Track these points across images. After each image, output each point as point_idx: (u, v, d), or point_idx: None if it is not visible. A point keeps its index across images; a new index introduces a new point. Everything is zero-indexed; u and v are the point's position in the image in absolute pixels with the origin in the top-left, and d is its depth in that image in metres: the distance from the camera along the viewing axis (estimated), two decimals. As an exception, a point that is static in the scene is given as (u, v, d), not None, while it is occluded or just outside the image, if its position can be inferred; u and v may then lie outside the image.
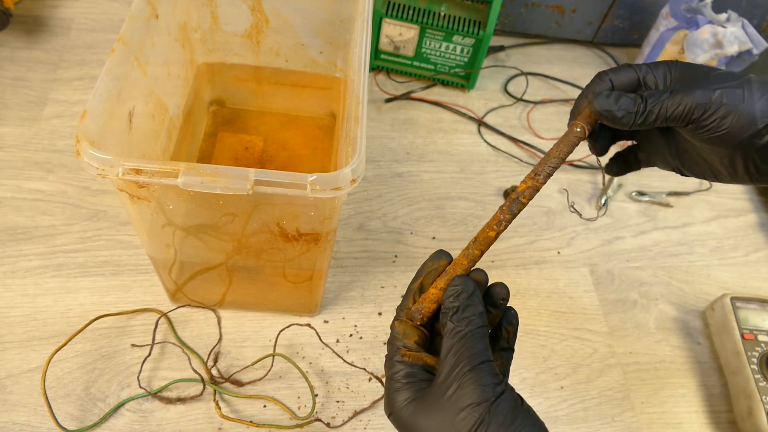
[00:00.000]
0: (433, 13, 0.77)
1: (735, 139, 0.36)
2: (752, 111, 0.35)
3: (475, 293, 0.36)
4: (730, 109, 0.36)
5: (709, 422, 0.61)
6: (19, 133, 0.69)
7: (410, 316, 0.37)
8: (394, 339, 0.36)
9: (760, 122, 0.35)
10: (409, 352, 0.35)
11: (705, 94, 0.36)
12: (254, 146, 0.69)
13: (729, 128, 0.36)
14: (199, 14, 0.62)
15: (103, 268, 0.61)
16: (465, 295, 0.35)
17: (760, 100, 0.36)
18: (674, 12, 0.81)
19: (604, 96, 0.38)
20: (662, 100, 0.37)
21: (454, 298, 0.35)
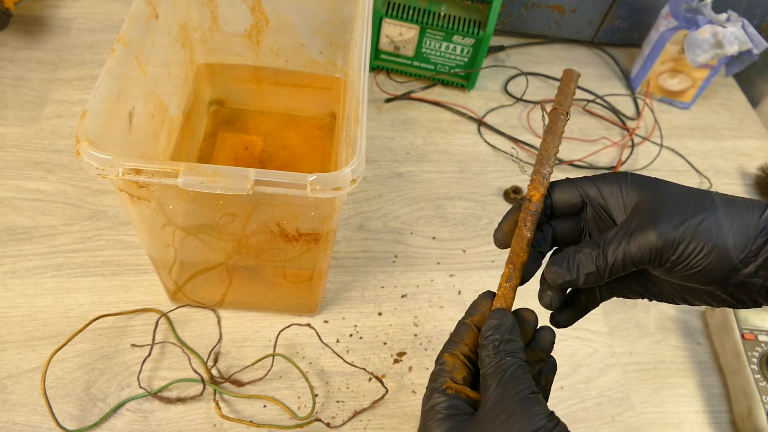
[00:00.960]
0: (433, 13, 0.77)
1: (709, 277, 0.33)
2: (725, 246, 0.32)
3: (515, 329, 0.34)
4: (700, 248, 0.32)
5: (709, 422, 0.61)
6: (19, 133, 0.69)
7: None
8: (441, 371, 0.35)
9: (735, 257, 0.32)
10: (454, 385, 0.34)
11: (669, 230, 0.32)
12: (254, 146, 0.69)
13: (703, 267, 0.32)
14: (199, 14, 0.62)
15: (103, 268, 0.61)
16: (504, 330, 0.34)
17: (730, 231, 0.32)
18: (674, 12, 0.81)
19: (555, 268, 0.35)
20: (623, 248, 0.33)
21: (493, 331, 0.34)
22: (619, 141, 0.84)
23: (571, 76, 0.40)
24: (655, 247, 0.33)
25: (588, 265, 0.34)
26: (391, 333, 0.61)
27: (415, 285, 0.65)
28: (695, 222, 0.33)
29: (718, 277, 0.33)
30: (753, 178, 0.84)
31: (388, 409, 0.56)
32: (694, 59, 0.81)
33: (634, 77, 0.91)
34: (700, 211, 0.33)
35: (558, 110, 0.39)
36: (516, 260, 0.37)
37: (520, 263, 0.37)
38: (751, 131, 0.90)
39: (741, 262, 0.32)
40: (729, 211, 0.33)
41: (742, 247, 0.32)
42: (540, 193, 0.36)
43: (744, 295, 0.34)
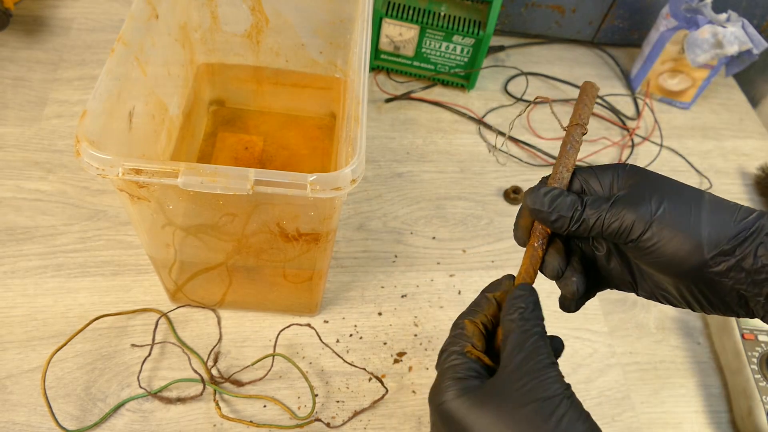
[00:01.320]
0: (433, 13, 0.77)
1: (679, 267, 0.33)
2: (698, 238, 0.32)
3: (538, 303, 0.35)
4: (673, 233, 0.32)
5: (709, 422, 0.61)
6: (19, 133, 0.69)
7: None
8: (461, 335, 0.35)
9: (707, 252, 0.32)
10: (473, 350, 0.34)
11: (647, 211, 0.33)
12: (254, 146, 0.69)
13: (671, 255, 0.32)
14: (199, 14, 0.62)
15: (103, 268, 0.61)
16: (531, 302, 0.34)
17: (708, 224, 0.32)
18: (674, 12, 0.81)
19: (541, 193, 0.35)
20: (601, 211, 0.34)
21: (521, 300, 0.34)
22: (619, 141, 0.84)
23: (592, 89, 0.40)
24: (629, 222, 0.33)
25: (564, 209, 0.34)
26: (391, 333, 0.61)
27: (415, 285, 0.65)
28: (674, 209, 0.33)
29: (687, 269, 0.33)
30: (753, 178, 0.84)
31: (388, 409, 0.56)
32: (694, 59, 0.81)
33: (634, 77, 0.91)
34: (685, 202, 0.33)
35: (578, 125, 0.38)
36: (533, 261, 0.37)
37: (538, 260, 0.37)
38: (751, 131, 0.90)
39: (712, 259, 0.32)
40: (713, 208, 0.33)
41: (715, 243, 0.32)
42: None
43: (715, 297, 0.34)
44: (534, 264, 0.37)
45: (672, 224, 0.32)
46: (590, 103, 0.39)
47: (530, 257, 0.37)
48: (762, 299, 0.32)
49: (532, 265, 0.37)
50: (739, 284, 0.33)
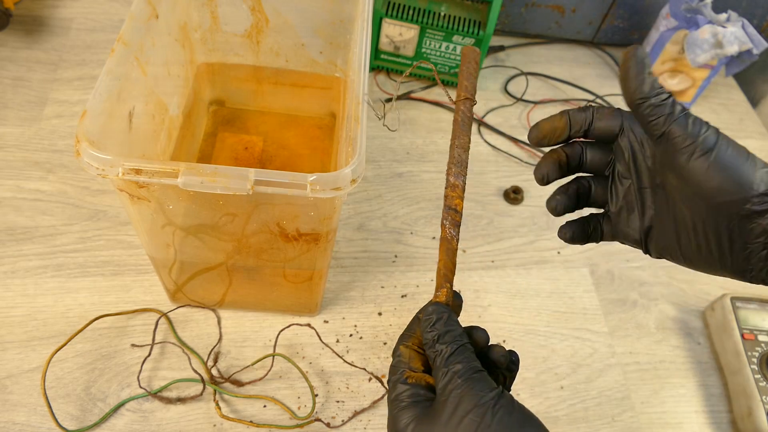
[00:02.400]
0: (433, 13, 0.77)
1: (723, 195, 0.34)
2: (751, 175, 0.34)
3: (450, 318, 0.36)
4: (731, 162, 0.34)
5: (709, 422, 0.61)
6: (19, 133, 0.69)
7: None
8: (399, 363, 0.36)
9: (755, 188, 0.33)
10: (413, 374, 0.35)
11: (713, 137, 0.34)
12: (254, 146, 0.69)
13: (721, 181, 0.34)
14: (199, 14, 0.62)
15: (103, 268, 0.61)
16: (440, 323, 0.35)
17: (762, 169, 0.34)
18: (674, 12, 0.81)
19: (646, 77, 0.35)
20: (673, 116, 0.34)
21: (431, 327, 0.35)
22: (619, 141, 0.84)
23: (472, 53, 0.40)
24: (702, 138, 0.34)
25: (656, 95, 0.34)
26: (391, 333, 0.61)
27: (415, 285, 0.65)
28: (735, 148, 0.34)
29: (729, 201, 0.34)
30: (753, 178, 0.84)
31: (388, 409, 0.56)
32: (694, 59, 0.81)
33: (634, 77, 0.91)
34: (745, 152, 0.35)
35: (466, 99, 0.38)
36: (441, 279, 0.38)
37: (446, 281, 0.38)
38: (751, 131, 0.90)
39: (757, 197, 0.33)
40: (763, 162, 0.35)
41: (766, 183, 0.33)
42: (459, 196, 0.37)
43: (739, 241, 0.35)
44: (448, 270, 0.38)
45: (732, 155, 0.34)
46: (474, 71, 0.39)
47: (445, 251, 0.37)
48: None
49: (446, 271, 0.37)
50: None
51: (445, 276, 0.38)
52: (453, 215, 0.37)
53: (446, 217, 0.37)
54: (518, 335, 0.63)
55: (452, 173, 0.37)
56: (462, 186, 0.37)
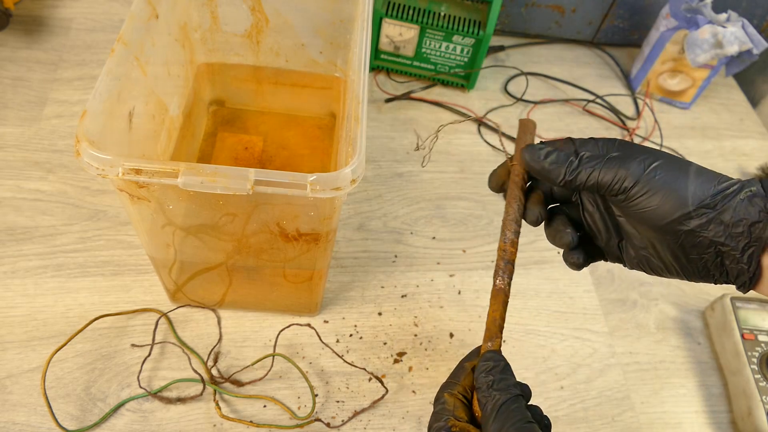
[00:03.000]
0: (433, 13, 0.77)
1: (663, 219, 0.35)
2: (684, 192, 0.34)
3: (507, 367, 0.36)
4: (661, 186, 0.35)
5: (709, 422, 0.61)
6: (19, 133, 0.69)
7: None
8: (443, 410, 0.36)
9: (690, 203, 0.34)
10: (458, 422, 0.35)
11: (640, 167, 0.35)
12: (254, 146, 0.69)
13: (657, 206, 0.35)
14: (199, 14, 0.62)
15: (103, 268, 0.61)
16: (497, 370, 0.35)
17: (694, 182, 0.35)
18: (674, 12, 0.81)
19: (536, 149, 0.38)
20: (594, 164, 0.36)
21: (486, 373, 0.35)
22: (619, 141, 0.84)
23: (528, 126, 0.43)
24: (623, 175, 0.35)
25: (560, 159, 0.37)
26: (391, 333, 0.61)
27: (415, 285, 0.65)
28: (664, 168, 0.35)
29: (670, 222, 0.35)
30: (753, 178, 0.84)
31: (388, 409, 0.56)
32: (694, 59, 0.81)
33: (634, 77, 0.91)
34: (673, 164, 0.35)
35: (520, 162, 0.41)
36: (495, 327, 0.38)
37: (498, 328, 0.38)
38: (751, 131, 0.90)
39: (695, 211, 0.34)
40: (699, 172, 0.35)
41: (699, 197, 0.34)
42: (516, 251, 0.40)
43: (694, 253, 0.36)
44: (502, 320, 0.38)
45: (661, 179, 0.35)
46: (531, 140, 0.42)
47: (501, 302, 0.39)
48: (738, 254, 0.34)
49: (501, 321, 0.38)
50: (718, 237, 0.34)
51: (500, 326, 0.38)
52: (510, 269, 0.39)
53: (504, 270, 0.39)
54: (518, 335, 0.63)
55: (511, 230, 0.40)
56: (518, 241, 0.40)
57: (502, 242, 0.40)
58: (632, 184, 0.35)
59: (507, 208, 0.41)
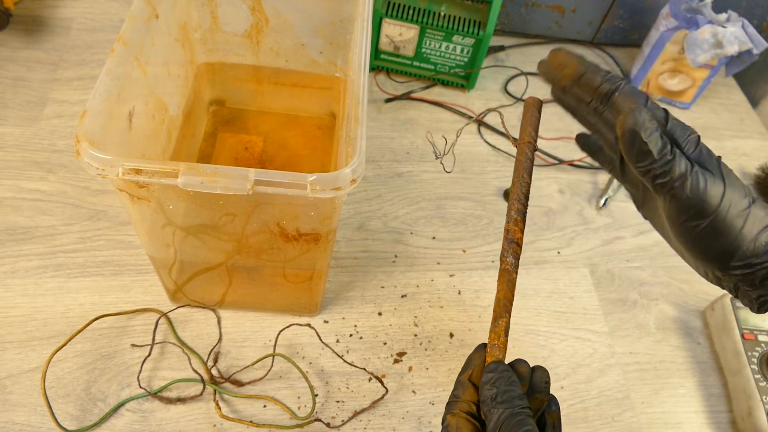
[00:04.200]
0: (433, 13, 0.77)
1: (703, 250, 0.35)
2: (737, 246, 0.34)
3: (511, 377, 0.35)
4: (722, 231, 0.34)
5: (709, 422, 0.61)
6: (19, 133, 0.69)
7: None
8: None
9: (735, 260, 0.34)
10: None
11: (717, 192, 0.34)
12: (254, 146, 0.69)
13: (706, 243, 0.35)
14: (199, 14, 0.62)
15: (103, 268, 0.61)
16: (501, 381, 0.35)
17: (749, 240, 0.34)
18: (674, 12, 0.81)
19: (648, 119, 0.35)
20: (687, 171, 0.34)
21: (490, 385, 0.35)
22: (619, 141, 0.84)
23: (534, 104, 0.43)
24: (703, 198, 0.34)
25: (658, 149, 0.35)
26: (391, 333, 0.61)
27: (415, 285, 0.65)
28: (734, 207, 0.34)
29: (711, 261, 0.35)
30: (753, 178, 0.84)
31: (388, 409, 0.56)
32: (694, 59, 0.81)
33: (634, 77, 0.91)
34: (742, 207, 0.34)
35: (529, 143, 0.41)
36: (500, 307, 0.38)
37: (504, 308, 0.38)
38: (751, 131, 0.90)
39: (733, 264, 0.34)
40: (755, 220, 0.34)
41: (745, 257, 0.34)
42: (521, 230, 0.39)
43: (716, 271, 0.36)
44: (508, 300, 0.38)
45: (728, 220, 0.34)
46: (536, 119, 0.42)
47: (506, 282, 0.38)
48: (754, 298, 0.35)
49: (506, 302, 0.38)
50: (745, 285, 0.35)
51: (505, 306, 0.38)
52: (515, 248, 0.39)
53: (508, 250, 0.39)
54: (518, 335, 0.63)
55: (514, 209, 0.39)
56: (523, 221, 0.39)
57: (506, 222, 0.39)
58: (708, 212, 0.34)
59: (513, 188, 0.40)
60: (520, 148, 0.41)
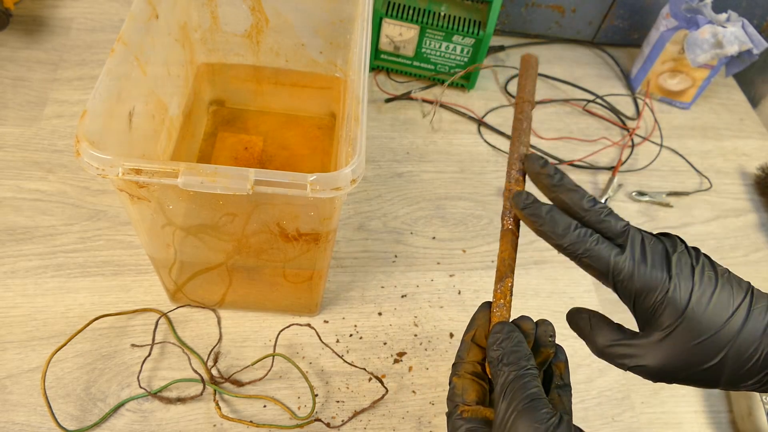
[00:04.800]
0: (433, 13, 0.77)
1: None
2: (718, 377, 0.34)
3: (517, 337, 0.35)
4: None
5: (709, 422, 0.61)
6: (19, 133, 0.69)
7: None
8: (453, 395, 0.36)
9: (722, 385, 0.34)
10: (468, 407, 0.35)
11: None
12: (254, 146, 0.69)
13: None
14: (199, 14, 0.62)
15: (103, 268, 0.61)
16: (508, 342, 0.35)
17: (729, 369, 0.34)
18: (674, 12, 0.81)
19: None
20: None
21: (497, 346, 0.35)
22: (619, 141, 0.84)
23: (531, 61, 0.41)
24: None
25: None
26: (391, 333, 0.61)
27: (415, 285, 0.65)
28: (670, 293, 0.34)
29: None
30: (753, 178, 0.84)
31: (388, 409, 0.56)
32: (694, 59, 0.81)
33: (634, 77, 0.91)
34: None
35: (527, 101, 0.40)
36: (505, 267, 0.38)
37: (509, 268, 0.38)
38: (751, 131, 0.90)
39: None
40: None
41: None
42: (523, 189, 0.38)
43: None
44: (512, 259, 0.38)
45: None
46: (533, 76, 0.40)
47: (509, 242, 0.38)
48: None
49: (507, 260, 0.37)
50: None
51: (510, 266, 0.38)
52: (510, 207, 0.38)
53: (510, 211, 0.38)
54: (518, 335, 0.63)
55: (516, 168, 0.39)
56: (524, 181, 0.39)
57: (507, 182, 0.39)
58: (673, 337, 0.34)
59: (511, 148, 0.39)
60: (519, 106, 0.40)
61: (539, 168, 0.38)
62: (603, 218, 0.36)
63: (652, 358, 0.35)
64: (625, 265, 0.35)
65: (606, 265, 0.35)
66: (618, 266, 0.35)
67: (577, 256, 0.36)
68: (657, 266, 0.34)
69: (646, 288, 0.34)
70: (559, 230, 0.36)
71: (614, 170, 0.79)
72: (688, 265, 0.34)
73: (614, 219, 0.36)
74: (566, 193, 0.37)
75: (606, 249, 0.35)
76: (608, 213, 0.36)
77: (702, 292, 0.33)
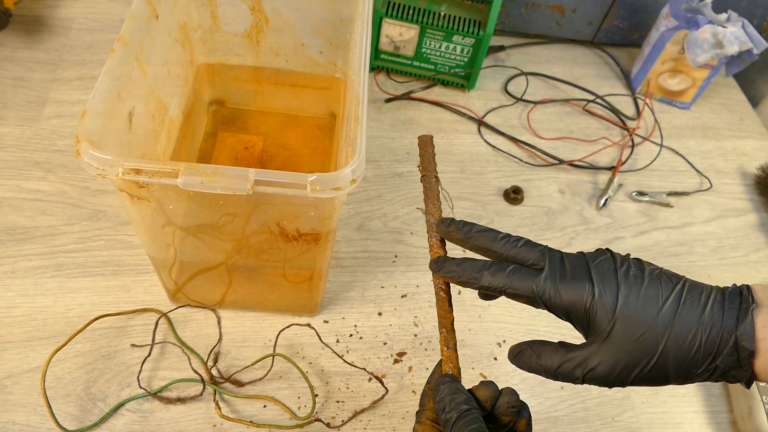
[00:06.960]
0: (433, 13, 0.77)
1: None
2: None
3: (454, 386, 0.37)
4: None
5: (709, 422, 0.61)
6: (19, 133, 0.69)
7: None
8: None
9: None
10: None
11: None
12: (254, 146, 0.69)
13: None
14: (199, 14, 0.62)
15: (103, 268, 0.61)
16: (447, 391, 0.37)
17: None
18: (674, 12, 0.81)
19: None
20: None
21: (438, 398, 0.37)
22: (620, 141, 0.84)
23: (426, 141, 0.46)
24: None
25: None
26: (391, 333, 0.61)
27: (415, 285, 0.65)
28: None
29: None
30: (753, 178, 0.84)
31: (388, 409, 0.56)
32: (694, 59, 0.81)
33: (634, 77, 0.91)
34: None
35: (428, 176, 0.45)
36: (445, 323, 0.41)
37: (450, 324, 0.41)
38: (751, 131, 0.90)
39: None
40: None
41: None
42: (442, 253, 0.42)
43: None
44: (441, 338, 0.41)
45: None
46: (428, 153, 0.45)
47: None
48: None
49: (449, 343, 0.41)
50: None
51: (441, 323, 0.42)
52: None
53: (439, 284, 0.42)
54: (518, 335, 0.63)
55: (435, 233, 0.43)
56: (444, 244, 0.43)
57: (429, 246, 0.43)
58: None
59: (426, 219, 0.44)
60: (426, 179, 0.45)
61: (447, 228, 0.41)
62: (519, 248, 0.38)
63: (599, 363, 0.35)
64: (547, 284, 0.36)
65: (530, 290, 0.36)
66: (540, 287, 0.36)
67: (501, 291, 0.37)
68: (579, 277, 0.36)
69: (574, 299, 0.35)
70: (474, 274, 0.38)
71: (614, 170, 0.79)
72: (611, 269, 0.36)
73: (529, 246, 0.38)
74: (478, 237, 0.39)
75: (526, 275, 0.37)
76: (524, 243, 0.38)
77: (628, 291, 0.35)
